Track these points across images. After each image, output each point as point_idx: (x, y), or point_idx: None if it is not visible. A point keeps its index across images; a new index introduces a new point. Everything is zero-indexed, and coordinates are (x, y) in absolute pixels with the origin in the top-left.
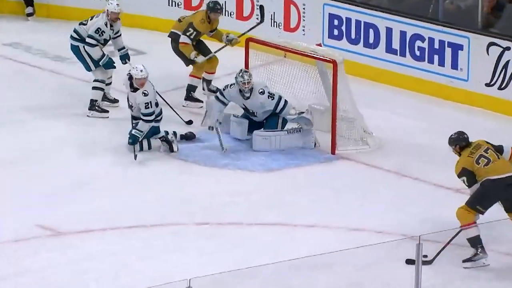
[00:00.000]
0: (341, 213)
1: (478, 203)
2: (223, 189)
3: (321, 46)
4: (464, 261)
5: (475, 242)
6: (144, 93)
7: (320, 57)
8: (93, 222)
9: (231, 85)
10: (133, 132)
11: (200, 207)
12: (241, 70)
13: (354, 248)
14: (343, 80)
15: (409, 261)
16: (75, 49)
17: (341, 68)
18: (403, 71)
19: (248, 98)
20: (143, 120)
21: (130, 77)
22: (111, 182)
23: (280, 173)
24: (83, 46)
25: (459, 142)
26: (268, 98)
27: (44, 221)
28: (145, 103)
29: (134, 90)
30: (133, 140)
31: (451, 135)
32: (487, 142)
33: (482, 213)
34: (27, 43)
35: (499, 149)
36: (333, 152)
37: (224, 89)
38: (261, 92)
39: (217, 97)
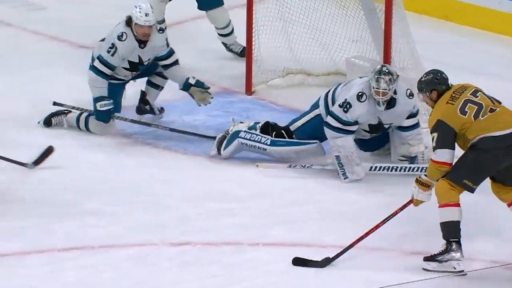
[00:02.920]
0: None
1: (467, 176)
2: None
3: None
4: (426, 259)
5: (450, 231)
6: (161, 29)
7: None
8: (5, 242)
9: (359, 96)
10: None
11: (177, 219)
12: (380, 67)
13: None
14: (401, 20)
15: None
16: None
17: (399, 1)
18: (493, 6)
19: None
20: (173, 65)
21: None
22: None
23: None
24: None
25: (436, 85)
26: (409, 97)
27: None
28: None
29: (144, 44)
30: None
31: (422, 76)
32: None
33: (472, 190)
34: None
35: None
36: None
37: (346, 108)
38: (410, 94)
39: (336, 128)
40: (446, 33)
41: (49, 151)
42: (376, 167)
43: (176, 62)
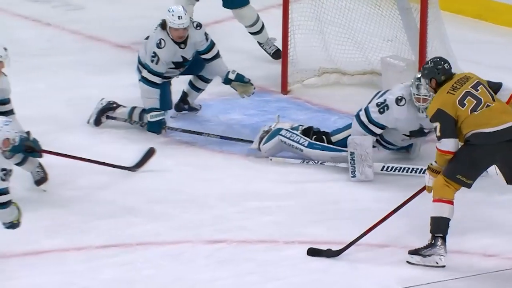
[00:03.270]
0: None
1: (460, 171)
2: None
3: None
4: (411, 252)
5: (438, 227)
6: (198, 25)
7: None
8: (46, 239)
9: (398, 99)
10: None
11: (213, 217)
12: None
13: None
14: (436, 20)
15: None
16: None
17: (434, 1)
18: None
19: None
20: (214, 58)
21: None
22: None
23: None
24: None
25: (435, 74)
26: None
27: None
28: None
29: (184, 44)
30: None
31: (426, 62)
32: (480, 77)
33: (468, 185)
34: None
35: (495, 88)
36: None
37: (383, 109)
38: None
39: (362, 123)
40: (481, 33)
41: (150, 153)
42: (388, 167)
43: (217, 56)
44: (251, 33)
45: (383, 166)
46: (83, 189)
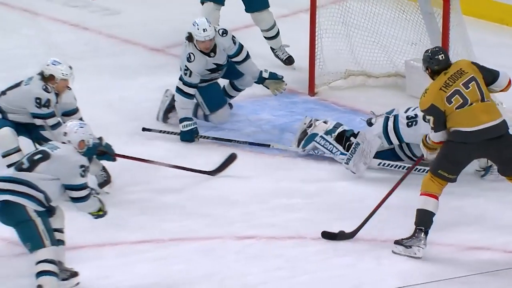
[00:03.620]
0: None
1: (442, 167)
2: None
3: None
4: (395, 242)
5: (420, 219)
6: (223, 32)
7: None
8: (81, 235)
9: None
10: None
11: (244, 213)
12: None
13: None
14: (459, 24)
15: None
16: None
17: (456, 6)
18: None
19: None
20: (245, 60)
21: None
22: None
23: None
24: None
25: (429, 64)
26: None
27: (9, 233)
28: (233, 39)
29: (214, 52)
30: None
31: (425, 51)
32: (477, 66)
33: (450, 180)
34: None
35: (492, 78)
36: None
37: (411, 123)
38: None
39: (386, 129)
40: (503, 36)
41: (232, 158)
42: (384, 163)
43: (247, 57)
44: (266, 38)
45: (380, 162)
46: (119, 186)
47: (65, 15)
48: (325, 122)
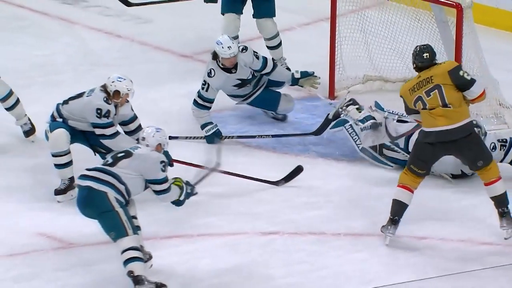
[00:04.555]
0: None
1: (412, 162)
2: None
3: None
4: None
5: (393, 209)
6: (243, 48)
7: None
8: None
9: None
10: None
11: (267, 210)
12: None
13: None
14: (471, 32)
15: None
16: None
17: (468, 14)
18: None
19: None
20: (273, 70)
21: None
22: None
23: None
24: None
25: (416, 59)
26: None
27: (49, 229)
28: (254, 54)
29: (235, 69)
30: None
31: (415, 47)
32: (452, 75)
33: (420, 174)
34: None
35: (463, 87)
36: None
37: None
38: (493, 148)
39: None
40: None
41: (298, 170)
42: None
43: (274, 67)
44: (268, 47)
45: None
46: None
47: (100, 23)
48: (358, 109)
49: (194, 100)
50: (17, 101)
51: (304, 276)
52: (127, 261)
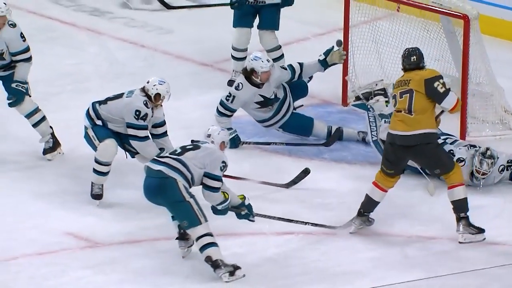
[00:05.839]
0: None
1: (382, 162)
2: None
3: None
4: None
5: (363, 204)
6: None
7: (447, 10)
8: (139, 230)
9: (459, 160)
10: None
11: (283, 212)
12: (485, 150)
13: None
14: (478, 42)
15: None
16: None
17: (475, 25)
18: None
19: None
20: (301, 75)
21: (247, 72)
22: None
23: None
24: None
25: (403, 61)
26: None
27: (76, 228)
28: (282, 67)
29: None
30: None
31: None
32: (427, 85)
33: (388, 174)
34: None
35: (433, 99)
36: (462, 138)
37: None
38: (501, 170)
39: None
40: None
41: (306, 172)
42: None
43: (301, 69)
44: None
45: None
46: None
47: (125, 34)
48: (386, 102)
49: (217, 109)
50: (43, 118)
51: (319, 273)
52: (203, 248)
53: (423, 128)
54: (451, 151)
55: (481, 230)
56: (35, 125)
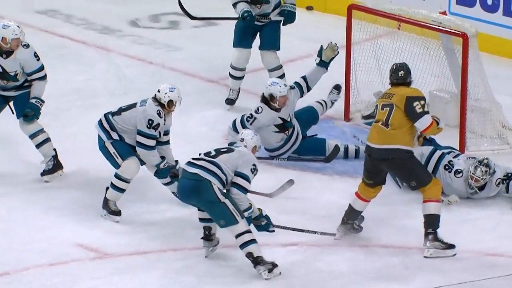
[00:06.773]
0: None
1: (363, 173)
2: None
3: (446, 14)
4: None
5: (346, 212)
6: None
7: (446, 29)
8: (147, 242)
9: (457, 171)
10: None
11: (287, 223)
12: (483, 159)
13: None
14: (476, 59)
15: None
16: None
17: (473, 43)
18: None
19: None
20: (308, 88)
21: (265, 99)
22: (167, 190)
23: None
24: None
25: (391, 75)
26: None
27: (86, 240)
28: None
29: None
30: None
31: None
32: (407, 104)
33: (367, 184)
34: (67, 11)
35: (411, 117)
36: (461, 152)
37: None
38: (498, 183)
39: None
40: None
41: (289, 183)
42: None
43: (305, 80)
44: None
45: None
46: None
47: (134, 51)
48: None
49: (235, 123)
50: (46, 140)
51: (322, 284)
52: (244, 245)
53: (396, 143)
54: (450, 162)
55: (450, 246)
56: (38, 146)
